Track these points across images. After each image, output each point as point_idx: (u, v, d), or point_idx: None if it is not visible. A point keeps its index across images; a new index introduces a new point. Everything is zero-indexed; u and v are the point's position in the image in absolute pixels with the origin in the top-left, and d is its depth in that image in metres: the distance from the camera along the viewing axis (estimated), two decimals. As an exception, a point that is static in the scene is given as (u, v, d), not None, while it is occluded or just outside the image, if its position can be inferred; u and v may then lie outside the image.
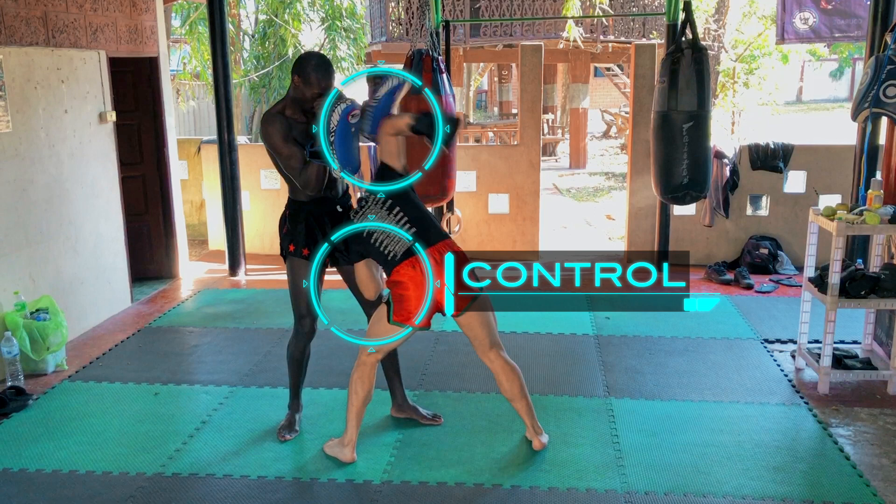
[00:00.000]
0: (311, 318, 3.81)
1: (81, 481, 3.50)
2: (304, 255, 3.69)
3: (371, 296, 3.60)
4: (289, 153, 3.55)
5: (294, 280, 3.75)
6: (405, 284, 3.37)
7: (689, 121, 5.62)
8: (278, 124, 3.55)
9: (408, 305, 3.39)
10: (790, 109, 25.74)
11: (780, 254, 6.94)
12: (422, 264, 3.35)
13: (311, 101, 3.52)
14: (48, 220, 5.12)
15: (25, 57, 4.88)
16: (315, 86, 3.49)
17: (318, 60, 3.55)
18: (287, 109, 3.61)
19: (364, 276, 3.55)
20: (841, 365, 4.46)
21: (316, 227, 3.69)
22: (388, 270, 3.42)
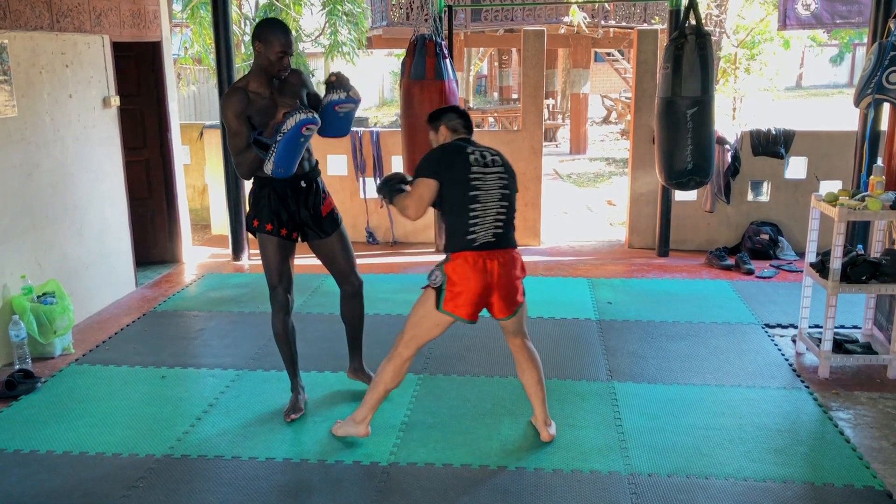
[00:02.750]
0: (283, 287, 3.84)
1: (92, 462, 3.55)
2: (267, 230, 3.76)
3: (414, 215, 3.41)
4: (236, 131, 3.61)
5: (263, 254, 3.82)
6: (466, 274, 3.32)
7: (694, 106, 5.62)
8: (235, 99, 3.60)
9: (463, 296, 3.34)
10: (790, 95, 25.71)
11: (781, 239, 6.98)
12: (490, 262, 3.34)
13: (275, 64, 3.60)
14: (54, 204, 5.14)
15: (30, 41, 4.89)
16: (275, 45, 3.57)
17: (272, 21, 3.70)
18: (252, 83, 3.66)
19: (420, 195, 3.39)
20: (841, 349, 4.51)
21: (279, 202, 3.75)
22: (454, 246, 3.36)
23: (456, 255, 3.34)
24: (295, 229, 3.83)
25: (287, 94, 3.71)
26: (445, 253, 3.41)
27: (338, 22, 13.69)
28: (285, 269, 3.83)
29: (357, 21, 13.87)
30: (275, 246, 3.78)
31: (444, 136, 3.53)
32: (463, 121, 3.59)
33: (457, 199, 3.34)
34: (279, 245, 3.79)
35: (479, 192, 3.35)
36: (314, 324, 5.21)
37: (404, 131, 6.23)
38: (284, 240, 3.79)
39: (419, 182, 3.37)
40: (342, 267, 3.99)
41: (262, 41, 3.58)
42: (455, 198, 3.34)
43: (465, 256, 3.33)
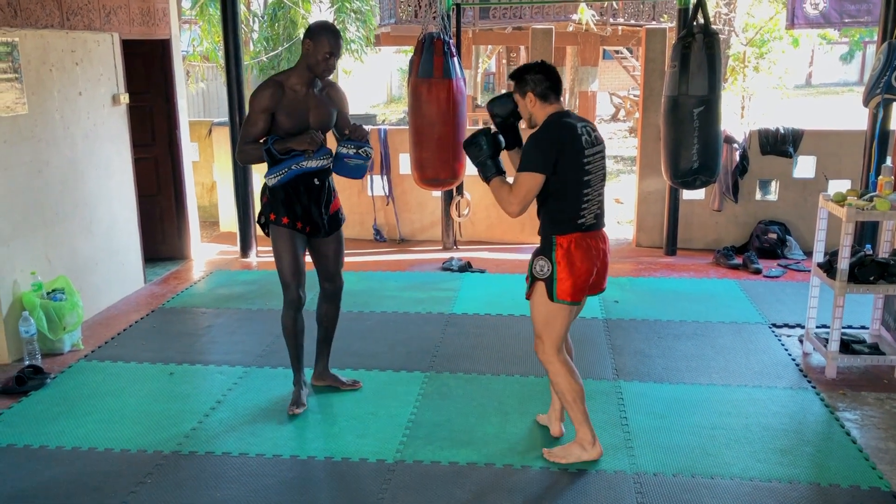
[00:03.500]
0: (296, 284, 3.86)
1: (101, 458, 3.57)
2: (283, 223, 3.79)
3: (517, 214, 3.26)
4: (254, 122, 3.70)
5: (278, 249, 3.84)
6: (579, 258, 3.22)
7: (700, 105, 5.62)
8: (267, 94, 3.69)
9: (575, 280, 3.24)
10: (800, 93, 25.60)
11: (789, 238, 6.96)
12: (595, 242, 3.27)
13: (320, 64, 3.66)
14: (63, 201, 5.17)
15: (41, 39, 4.91)
16: (324, 45, 3.63)
17: (326, 24, 3.78)
18: (291, 78, 3.74)
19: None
20: (848, 350, 4.50)
21: (294, 198, 3.79)
22: (561, 230, 3.23)
23: (563, 239, 3.21)
24: (308, 224, 3.87)
25: (322, 106, 3.79)
26: (547, 238, 3.26)
27: (346, 19, 13.70)
28: (298, 264, 3.86)
29: (365, 18, 13.89)
30: (290, 239, 3.81)
31: (531, 103, 3.24)
32: (552, 83, 3.25)
33: (569, 184, 3.17)
34: (294, 238, 3.82)
35: (591, 176, 3.20)
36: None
37: (412, 129, 6.24)
38: (299, 233, 3.84)
39: (528, 177, 3.15)
40: (331, 266, 4.03)
41: (313, 40, 3.65)
42: (567, 183, 3.17)
43: (574, 240, 3.21)
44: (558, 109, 3.26)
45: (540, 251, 3.30)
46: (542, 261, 3.27)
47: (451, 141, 6.16)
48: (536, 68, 3.28)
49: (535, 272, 3.30)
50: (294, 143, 3.68)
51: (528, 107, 3.26)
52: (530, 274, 3.34)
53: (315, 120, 3.77)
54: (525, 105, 3.27)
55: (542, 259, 3.27)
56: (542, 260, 3.27)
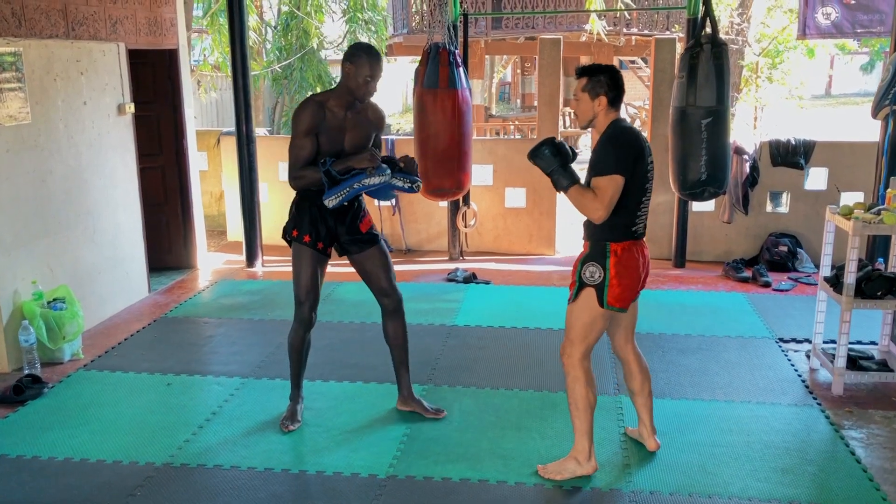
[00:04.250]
0: (310, 304, 3.81)
1: (92, 470, 3.55)
2: (305, 241, 3.74)
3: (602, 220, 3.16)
4: (301, 144, 3.64)
5: (296, 266, 3.79)
6: (631, 264, 3.22)
7: (708, 116, 5.57)
8: (310, 112, 3.63)
9: (626, 287, 3.24)
10: (819, 104, 25.40)
11: (800, 251, 6.86)
12: (642, 250, 3.28)
13: (361, 87, 3.60)
14: (67, 210, 5.18)
15: (45, 49, 4.94)
16: (365, 69, 3.58)
17: (365, 46, 3.71)
18: (331, 100, 3.68)
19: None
20: (856, 366, 4.41)
21: (319, 217, 3.74)
22: (615, 237, 3.21)
23: (617, 246, 3.20)
24: (331, 244, 3.82)
25: (359, 128, 3.73)
26: (599, 245, 3.22)
27: (358, 29, 13.75)
28: (314, 284, 3.79)
29: (377, 28, 13.92)
30: (309, 258, 3.75)
31: (600, 106, 3.21)
32: (621, 92, 3.25)
33: (632, 192, 3.17)
34: (313, 258, 3.76)
35: (649, 184, 3.23)
36: (323, 332, 5.17)
37: (417, 139, 6.23)
38: (319, 253, 3.77)
39: (610, 181, 3.11)
40: (382, 281, 3.89)
41: (353, 63, 3.59)
42: (631, 190, 3.16)
43: (626, 247, 3.21)
44: (619, 116, 3.27)
45: (590, 257, 3.26)
46: (592, 267, 3.24)
47: (457, 151, 6.14)
48: (611, 73, 3.24)
49: (584, 278, 3.26)
50: (354, 162, 3.59)
51: (594, 108, 3.22)
52: (578, 280, 3.29)
53: (350, 142, 3.71)
54: (592, 106, 3.23)
55: (593, 265, 3.24)
56: (592, 266, 3.24)
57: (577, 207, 3.22)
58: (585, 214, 3.20)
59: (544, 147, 3.22)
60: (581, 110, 3.27)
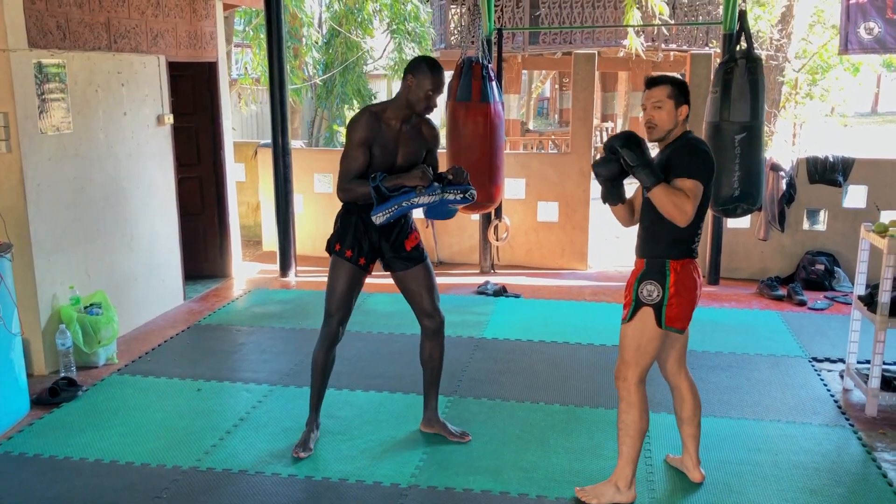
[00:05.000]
0: (339, 318, 3.75)
1: (120, 472, 3.62)
2: (346, 256, 3.69)
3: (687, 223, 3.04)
4: (354, 156, 3.57)
5: (332, 279, 3.74)
6: (691, 283, 3.16)
7: (742, 132, 5.51)
8: (364, 123, 3.56)
9: (686, 306, 3.17)
10: (864, 121, 24.94)
11: (837, 270, 6.74)
12: (698, 269, 3.22)
13: (422, 101, 3.53)
14: (105, 217, 5.31)
15: (88, 61, 5.08)
16: (427, 83, 3.51)
17: (429, 59, 3.64)
18: (388, 111, 3.62)
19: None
20: (890, 387, 4.31)
21: (363, 232, 3.68)
22: (677, 255, 3.13)
23: (677, 264, 3.12)
24: (373, 261, 3.76)
25: (412, 143, 3.66)
26: (659, 262, 3.15)
27: (402, 41, 13.88)
28: (347, 299, 3.73)
29: (420, 39, 14.04)
30: (347, 273, 3.69)
31: (682, 115, 3.16)
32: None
33: (702, 206, 3.11)
34: (352, 273, 3.70)
35: (709, 203, 3.20)
36: (352, 342, 5.22)
37: (449, 152, 6.27)
38: (359, 269, 3.71)
39: (697, 185, 3.03)
40: (423, 302, 3.81)
41: (415, 76, 3.52)
42: (702, 205, 3.11)
43: (686, 265, 3.14)
44: (687, 129, 3.21)
45: (648, 275, 3.16)
46: (650, 285, 3.14)
47: (488, 164, 6.17)
48: (686, 84, 3.19)
49: (641, 297, 3.16)
50: (405, 179, 3.51)
51: (677, 117, 3.15)
52: (634, 298, 3.19)
53: (404, 157, 3.63)
54: (675, 115, 3.14)
55: (651, 283, 3.14)
56: (650, 284, 3.14)
57: (662, 206, 3.02)
58: (671, 215, 3.01)
59: (626, 138, 3.06)
60: (662, 119, 3.14)
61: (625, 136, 3.08)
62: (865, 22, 7.20)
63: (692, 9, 14.25)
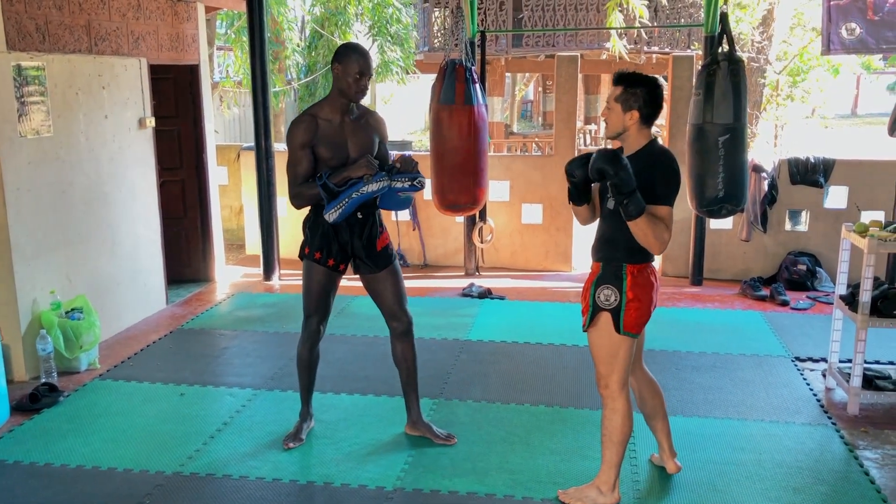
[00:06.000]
0: (318, 318, 3.79)
1: (102, 477, 3.59)
2: (316, 259, 3.71)
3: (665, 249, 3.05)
4: (298, 160, 3.59)
5: (305, 281, 3.77)
6: (649, 288, 3.11)
7: (725, 133, 5.54)
8: (303, 127, 3.58)
9: (643, 311, 3.11)
10: (844, 123, 25.16)
11: (819, 270, 6.79)
12: (655, 272, 3.17)
13: (353, 86, 3.54)
14: (87, 221, 5.26)
15: (68, 64, 5.04)
16: (354, 65, 3.51)
17: (352, 44, 3.65)
18: (324, 108, 3.63)
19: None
20: (872, 386, 4.34)
21: (332, 234, 3.69)
22: (635, 260, 3.08)
23: (634, 269, 3.08)
24: (344, 261, 3.75)
25: (360, 134, 3.66)
26: (616, 267, 3.09)
27: (384, 43, 13.85)
28: (324, 301, 3.76)
29: (403, 42, 14.01)
30: (320, 276, 3.71)
31: (631, 120, 3.05)
32: (656, 111, 3.09)
33: None
34: (324, 275, 3.71)
35: None
36: (336, 345, 5.22)
37: (433, 155, 6.27)
38: (331, 270, 3.72)
39: (668, 211, 3.02)
40: (391, 304, 3.81)
41: (341, 62, 3.53)
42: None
43: (643, 270, 3.10)
44: (653, 137, 3.12)
45: (605, 279, 3.10)
46: (607, 290, 3.09)
47: (472, 167, 6.16)
48: (650, 86, 3.05)
49: (598, 302, 3.11)
50: (351, 171, 3.54)
51: (625, 122, 3.05)
52: (592, 304, 3.13)
53: (355, 148, 3.63)
54: (622, 119, 3.05)
55: (608, 288, 3.08)
56: (607, 289, 3.09)
57: (641, 235, 2.97)
58: (649, 244, 2.99)
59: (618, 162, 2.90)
60: (611, 120, 3.10)
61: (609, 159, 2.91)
62: (847, 23, 7.27)
63: (674, 11, 14.34)
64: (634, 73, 3.12)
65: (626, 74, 3.12)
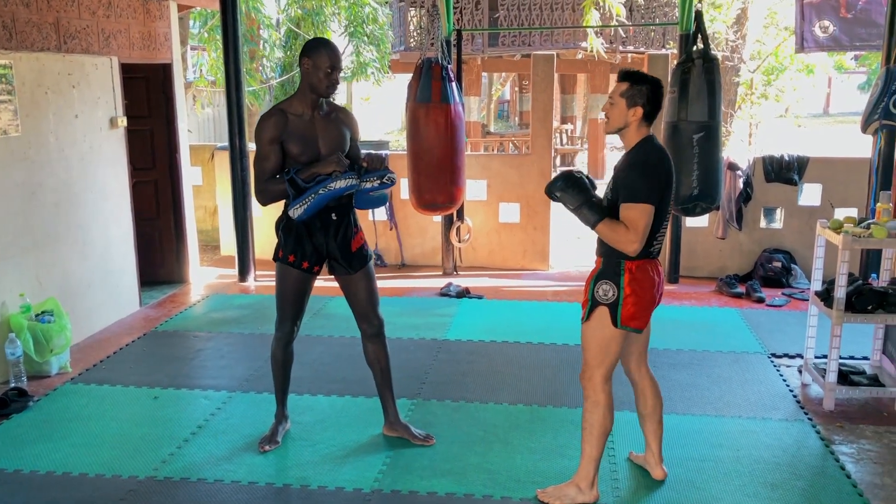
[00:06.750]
0: (293, 320, 3.76)
1: (74, 483, 3.52)
2: (290, 261, 3.65)
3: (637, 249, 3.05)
4: (264, 155, 3.53)
5: (279, 284, 3.72)
6: (647, 284, 3.13)
7: (700, 131, 5.55)
8: (271, 122, 3.52)
9: (641, 306, 3.14)
10: (817, 122, 25.46)
11: (794, 267, 6.84)
12: (658, 269, 3.20)
13: (323, 80, 3.49)
14: (57, 223, 5.17)
15: (36, 62, 4.94)
16: (324, 60, 3.47)
17: (320, 39, 3.60)
18: (294, 104, 3.57)
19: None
20: (847, 381, 4.38)
21: (306, 236, 3.64)
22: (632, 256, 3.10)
23: (632, 265, 3.09)
24: (318, 262, 3.70)
25: (331, 130, 3.60)
26: (614, 263, 3.12)
27: (360, 43, 13.80)
28: (298, 303, 3.72)
29: (379, 42, 13.96)
30: (294, 279, 3.66)
31: (634, 117, 3.08)
32: (657, 109, 3.11)
33: (658, 216, 3.08)
34: (298, 278, 3.66)
35: (670, 204, 3.15)
36: (313, 346, 5.17)
37: (410, 154, 6.23)
38: (305, 273, 3.66)
39: (643, 210, 3.00)
40: (364, 305, 3.77)
41: (311, 57, 3.48)
42: (657, 215, 3.08)
43: (643, 265, 3.11)
44: (650, 134, 3.14)
45: (604, 275, 3.14)
46: (606, 285, 3.13)
47: (449, 165, 6.14)
48: (655, 85, 3.09)
49: (597, 296, 3.15)
50: (319, 167, 3.48)
51: (627, 118, 3.09)
52: (591, 298, 3.18)
53: (326, 145, 3.57)
54: (626, 115, 3.08)
55: (607, 283, 3.13)
56: (606, 284, 3.13)
57: (608, 242, 3.08)
58: (619, 248, 3.05)
59: (563, 181, 3.09)
60: (613, 115, 3.12)
61: (563, 180, 3.11)
62: (820, 21, 7.34)
63: (649, 10, 14.41)
64: (640, 71, 3.18)
65: (633, 72, 3.16)
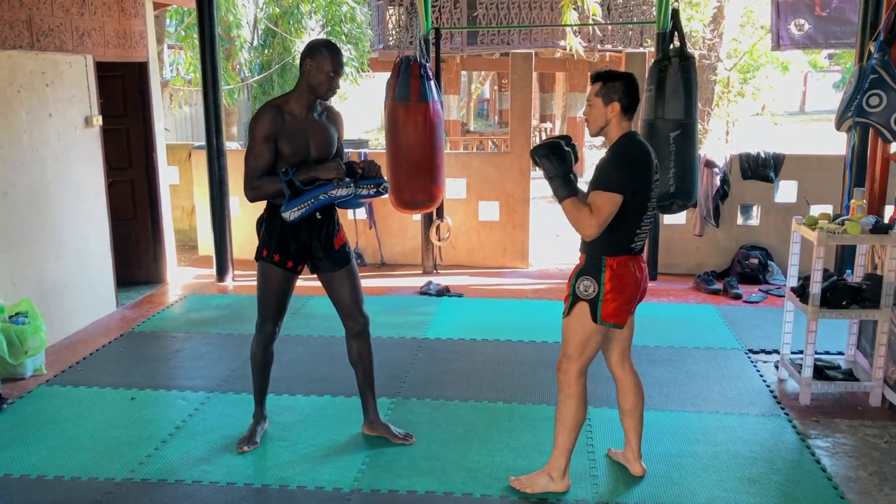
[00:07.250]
0: (274, 319, 3.73)
1: (49, 487, 3.47)
2: (274, 261, 3.62)
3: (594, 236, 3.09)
4: (258, 152, 3.48)
5: (262, 284, 3.70)
6: (628, 279, 3.14)
7: (676, 129, 5.58)
8: (268, 118, 3.47)
9: (622, 302, 3.15)
10: (793, 120, 25.71)
11: (771, 264, 6.91)
12: (641, 265, 3.20)
13: (324, 84, 3.47)
14: (31, 223, 5.10)
15: (8, 60, 4.88)
16: (327, 63, 3.43)
17: (326, 41, 3.58)
18: (290, 102, 3.53)
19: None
20: (822, 376, 4.42)
21: (290, 235, 3.61)
22: (613, 252, 3.13)
23: (613, 261, 3.12)
24: (302, 262, 3.67)
25: (321, 131, 3.57)
26: (595, 259, 3.15)
27: (338, 43, 13.73)
28: (281, 302, 3.70)
29: (357, 41, 13.90)
30: (277, 278, 3.63)
31: (612, 113, 3.11)
32: (635, 102, 3.14)
33: (634, 209, 3.09)
34: (282, 278, 3.63)
35: (652, 201, 3.14)
36: (292, 346, 5.14)
37: (388, 152, 6.22)
38: (289, 272, 3.64)
39: (609, 197, 3.02)
40: (348, 304, 3.74)
41: (314, 58, 3.44)
42: (633, 207, 3.08)
43: (624, 262, 3.13)
44: (631, 129, 3.17)
45: (585, 271, 3.18)
46: (586, 281, 3.16)
47: (429, 164, 6.13)
48: (627, 80, 3.13)
49: (578, 292, 3.18)
50: (320, 172, 3.45)
51: (607, 115, 3.12)
52: (572, 293, 3.21)
53: (316, 146, 3.54)
54: (604, 112, 3.12)
55: (588, 279, 3.16)
56: (586, 280, 3.16)
57: (569, 220, 3.12)
58: (576, 229, 3.11)
59: (549, 149, 3.09)
60: (593, 116, 3.17)
61: (549, 147, 3.11)
62: (795, 19, 7.41)
63: (626, 9, 14.49)
64: (611, 70, 3.22)
65: (604, 71, 3.21)
